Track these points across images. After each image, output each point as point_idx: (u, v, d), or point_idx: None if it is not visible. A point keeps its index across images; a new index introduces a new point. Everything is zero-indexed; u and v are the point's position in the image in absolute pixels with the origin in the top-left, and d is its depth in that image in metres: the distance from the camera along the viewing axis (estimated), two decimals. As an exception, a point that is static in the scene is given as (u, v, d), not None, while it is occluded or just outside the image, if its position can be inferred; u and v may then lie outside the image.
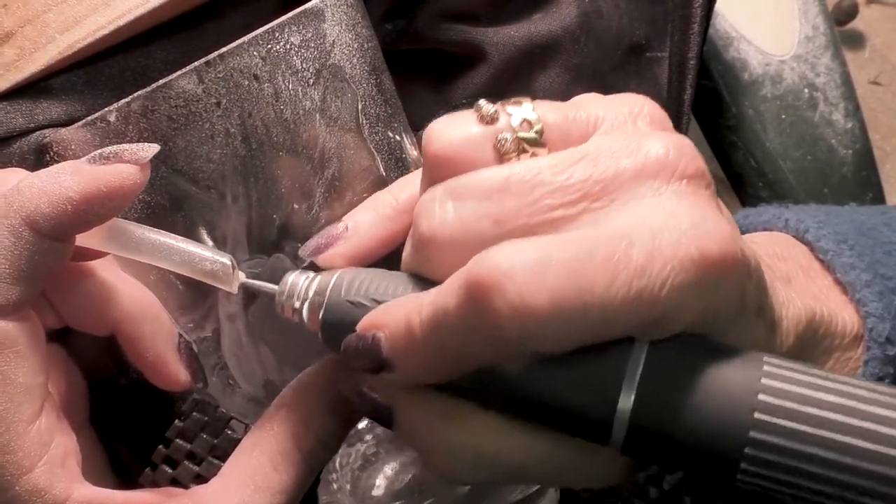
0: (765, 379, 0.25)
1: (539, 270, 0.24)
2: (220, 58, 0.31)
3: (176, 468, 0.34)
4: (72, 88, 0.36)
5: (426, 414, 0.28)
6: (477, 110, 0.29)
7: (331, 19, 0.33)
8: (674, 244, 0.24)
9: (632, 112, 0.29)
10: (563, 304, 0.24)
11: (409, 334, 0.26)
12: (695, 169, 0.27)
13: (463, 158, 0.28)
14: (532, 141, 0.28)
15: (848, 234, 0.35)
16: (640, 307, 0.24)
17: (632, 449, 0.26)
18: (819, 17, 0.73)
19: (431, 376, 0.27)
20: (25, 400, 0.29)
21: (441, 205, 0.27)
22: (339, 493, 0.39)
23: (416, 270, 0.29)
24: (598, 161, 0.26)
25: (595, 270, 0.24)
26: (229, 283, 0.31)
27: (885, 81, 1.20)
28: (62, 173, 0.29)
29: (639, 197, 0.26)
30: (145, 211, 0.33)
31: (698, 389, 0.25)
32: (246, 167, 0.33)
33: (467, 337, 0.25)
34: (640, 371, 0.25)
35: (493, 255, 0.25)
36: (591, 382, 0.25)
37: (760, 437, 0.24)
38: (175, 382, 0.33)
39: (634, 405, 0.25)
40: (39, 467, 0.29)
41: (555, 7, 0.43)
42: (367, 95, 0.35)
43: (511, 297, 0.24)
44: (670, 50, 0.46)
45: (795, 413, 0.24)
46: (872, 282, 0.33)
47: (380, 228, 0.32)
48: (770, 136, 0.70)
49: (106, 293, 0.33)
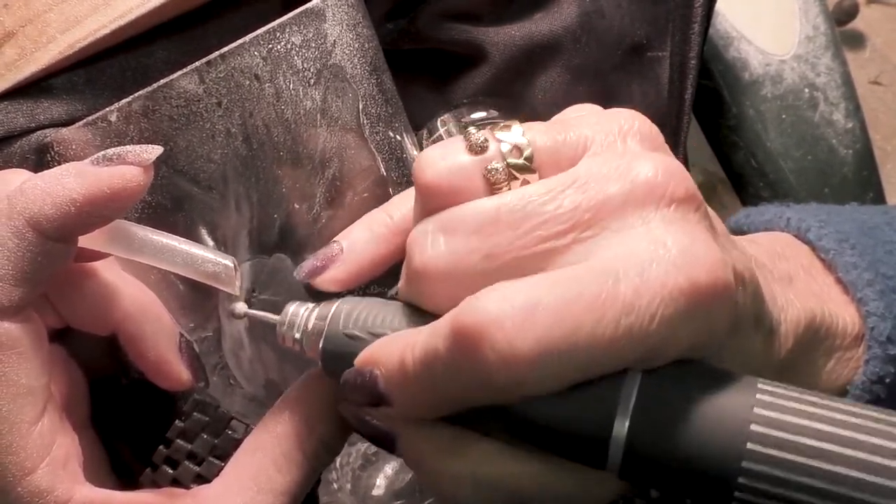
0: (757, 408, 0.25)
1: (526, 317, 0.24)
2: (222, 58, 0.31)
3: (177, 468, 0.34)
4: (73, 88, 0.36)
5: (427, 443, 0.28)
6: (466, 139, 0.29)
7: (332, 19, 0.33)
8: (662, 276, 0.25)
9: (622, 130, 0.29)
10: (551, 349, 0.24)
11: (403, 372, 0.27)
12: (684, 192, 0.27)
13: (453, 189, 0.28)
14: (522, 167, 0.28)
15: (850, 234, 0.35)
16: (629, 343, 0.25)
17: (628, 474, 0.26)
18: (819, 17, 0.73)
19: (426, 412, 0.28)
20: (28, 401, 0.29)
21: (433, 239, 0.28)
22: (339, 493, 0.39)
23: (411, 300, 0.29)
24: (587, 187, 0.27)
25: (582, 311, 0.24)
26: (231, 285, 0.31)
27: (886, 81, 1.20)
28: (66, 175, 0.29)
29: (627, 226, 0.26)
30: (146, 211, 0.33)
31: (692, 417, 0.25)
32: (247, 167, 0.33)
33: (457, 380, 0.26)
34: (633, 400, 0.25)
35: (481, 302, 0.25)
36: (586, 411, 0.26)
37: (753, 467, 0.24)
38: (176, 382, 0.33)
39: (629, 434, 0.25)
40: (42, 469, 0.29)
41: (556, 7, 0.43)
42: (368, 95, 0.35)
43: (499, 345, 0.24)
44: (671, 50, 0.46)
45: (787, 443, 0.24)
46: (874, 281, 0.33)
47: (375, 248, 0.32)
48: (771, 136, 0.70)
49: (107, 293, 0.33)
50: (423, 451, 0.28)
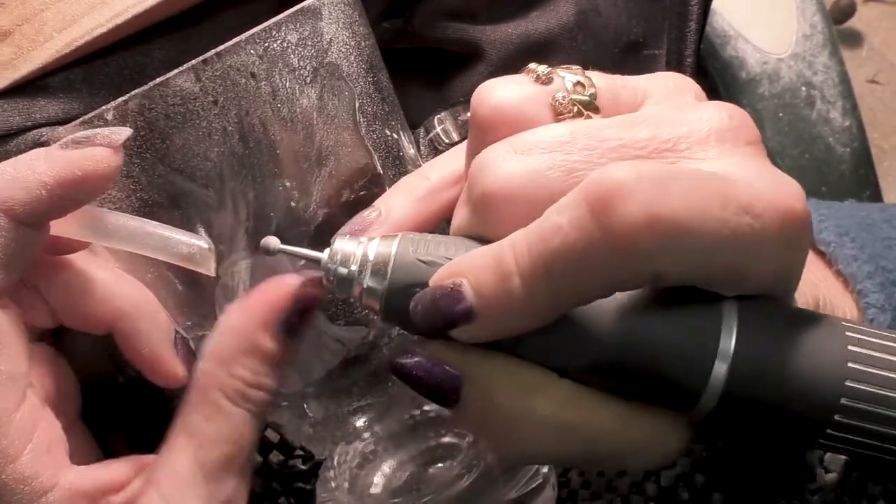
0: (851, 346, 0.25)
1: (664, 184, 0.23)
2: (218, 56, 0.32)
3: None
4: (69, 87, 0.36)
5: (503, 382, 0.26)
6: (530, 72, 0.28)
7: (328, 17, 0.33)
8: (769, 193, 0.24)
9: (677, 84, 0.28)
10: (691, 219, 0.23)
11: (501, 273, 0.25)
12: (756, 135, 0.27)
13: (520, 117, 0.27)
14: (586, 104, 0.27)
15: (849, 228, 0.35)
16: (746, 244, 0.24)
17: (720, 416, 0.25)
18: (817, 16, 0.73)
19: (526, 320, 0.25)
20: (7, 388, 0.29)
21: (505, 159, 0.26)
22: (337, 491, 0.39)
23: (476, 233, 0.27)
24: (661, 124, 0.26)
25: (710, 195, 0.24)
26: (207, 266, 0.31)
27: (884, 80, 1.20)
28: (36, 159, 0.29)
29: (711, 157, 0.26)
30: (143, 209, 0.33)
31: (789, 356, 0.25)
32: (243, 165, 0.33)
33: (589, 259, 0.24)
34: (734, 336, 0.25)
35: (613, 167, 0.24)
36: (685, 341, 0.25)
37: (851, 403, 0.24)
38: (172, 379, 0.33)
39: (728, 372, 0.25)
40: (25, 455, 0.29)
41: (552, 5, 0.43)
42: (365, 93, 0.35)
43: (643, 204, 0.23)
44: (667, 48, 0.46)
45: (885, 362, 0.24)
46: (874, 273, 0.33)
47: (414, 211, 0.30)
48: (768, 135, 0.70)
49: (101, 291, 0.33)
50: (497, 393, 0.26)
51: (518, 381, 0.26)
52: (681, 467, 0.39)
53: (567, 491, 0.41)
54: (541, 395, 0.26)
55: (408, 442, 0.37)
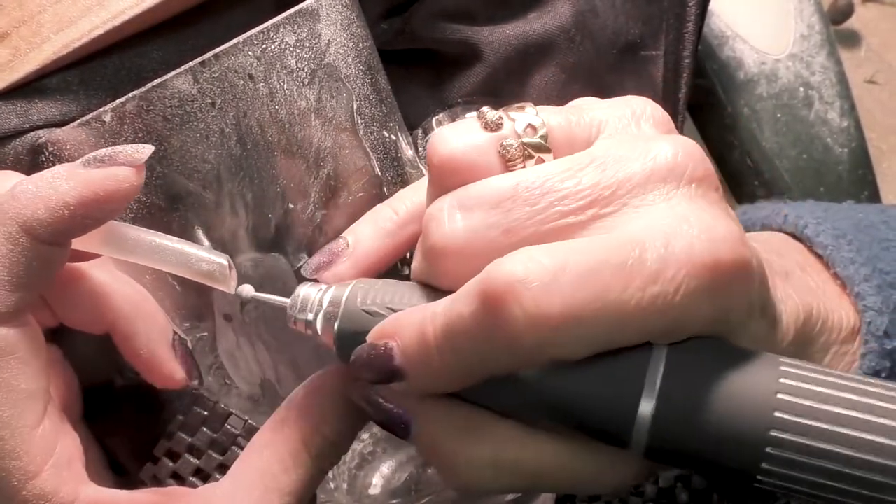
0: (783, 379, 0.25)
1: (554, 278, 0.24)
2: (215, 58, 0.32)
3: (177, 461, 0.34)
4: (67, 88, 0.36)
5: (445, 424, 0.28)
6: (480, 117, 0.28)
7: (325, 19, 0.33)
8: (687, 249, 0.25)
9: (634, 114, 0.29)
10: (579, 310, 0.24)
11: (422, 342, 0.26)
12: (703, 171, 0.27)
13: (469, 166, 0.28)
14: (537, 146, 0.28)
15: (846, 230, 0.35)
16: (654, 312, 0.24)
17: (653, 452, 0.26)
18: (815, 16, 0.74)
19: (444, 385, 0.27)
20: (28, 405, 0.29)
21: (450, 215, 0.27)
22: (336, 492, 0.39)
23: (426, 281, 0.29)
24: (606, 166, 0.26)
25: (609, 276, 0.24)
26: (226, 284, 0.31)
27: (882, 80, 1.20)
28: (58, 178, 0.29)
29: (649, 202, 0.26)
30: (141, 211, 0.33)
31: (718, 392, 0.25)
32: (241, 167, 0.33)
33: (482, 345, 0.25)
34: (660, 375, 0.25)
35: (508, 263, 0.25)
36: (611, 387, 0.26)
37: (781, 436, 0.24)
38: (170, 380, 0.33)
39: (655, 409, 0.25)
40: (46, 472, 0.29)
41: (550, 6, 0.43)
42: (363, 95, 0.35)
43: (527, 304, 0.24)
44: (665, 48, 0.46)
45: (814, 411, 0.24)
46: (871, 276, 0.33)
47: (381, 243, 0.32)
48: (766, 135, 0.70)
49: (100, 291, 0.33)
50: (439, 433, 0.28)
51: (457, 422, 0.28)
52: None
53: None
54: (478, 436, 0.27)
55: (406, 443, 0.36)
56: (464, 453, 0.27)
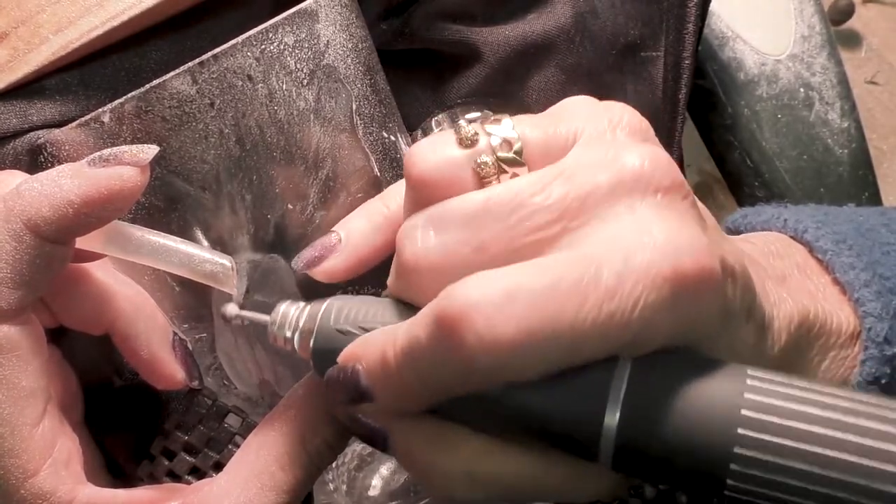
0: (748, 394, 0.25)
1: (506, 301, 0.24)
2: (214, 58, 0.31)
3: (173, 459, 0.34)
4: (66, 89, 0.36)
5: (418, 439, 0.28)
6: (457, 132, 0.29)
7: (324, 20, 0.33)
8: (646, 262, 0.25)
9: (611, 122, 0.29)
10: (532, 333, 0.24)
11: (384, 365, 0.27)
12: (671, 181, 0.27)
13: (444, 182, 0.28)
14: (512, 161, 0.28)
15: (847, 235, 0.35)
16: (611, 330, 0.24)
17: (620, 465, 0.26)
18: (815, 17, 0.73)
19: (409, 404, 0.27)
20: (29, 404, 0.29)
21: (423, 233, 0.28)
22: (335, 494, 0.39)
23: (401, 296, 0.29)
24: (574, 178, 0.27)
25: (563, 297, 0.24)
26: (229, 285, 0.31)
27: (882, 81, 1.20)
28: (62, 176, 0.29)
29: (614, 215, 0.26)
30: (140, 212, 0.33)
31: (683, 405, 0.25)
32: (240, 168, 0.33)
33: (440, 367, 0.26)
34: (623, 388, 0.25)
35: (461, 288, 0.25)
36: (576, 401, 0.26)
37: (745, 452, 0.24)
38: (170, 380, 0.33)
39: (620, 422, 0.25)
40: (44, 470, 0.29)
41: (550, 6, 0.43)
42: (362, 96, 0.35)
43: (479, 329, 0.24)
44: (665, 49, 0.46)
45: (778, 427, 0.24)
46: (871, 281, 0.33)
47: (373, 238, 0.32)
48: (766, 136, 0.70)
49: (100, 292, 0.33)
50: (414, 448, 0.28)
51: (429, 436, 0.28)
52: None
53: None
54: (450, 449, 0.27)
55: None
56: (437, 466, 0.28)
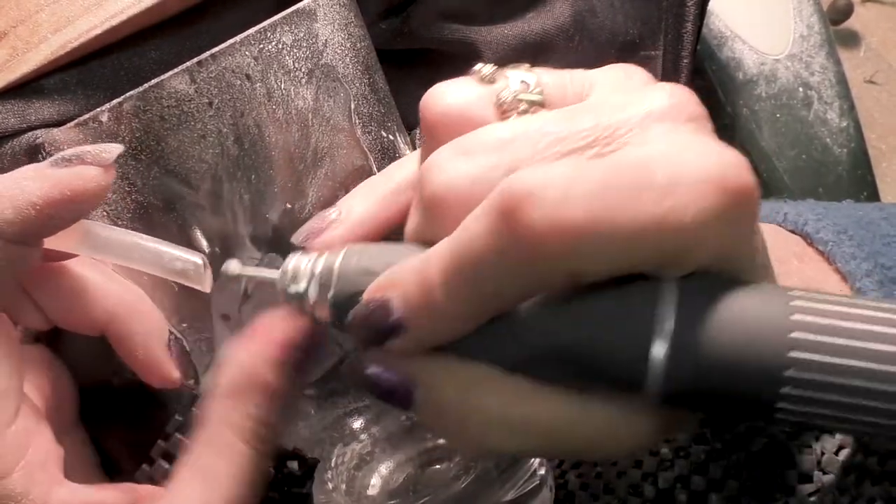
0: (796, 301, 0.24)
1: (571, 184, 0.23)
2: (212, 57, 0.31)
3: (172, 463, 0.34)
4: (64, 89, 0.36)
5: (451, 382, 0.26)
6: (475, 73, 0.28)
7: (323, 19, 0.33)
8: (698, 168, 0.24)
9: (627, 73, 0.29)
10: (598, 218, 0.23)
11: (423, 282, 0.25)
12: (700, 111, 0.27)
13: (465, 119, 0.27)
14: (532, 101, 0.28)
15: (847, 226, 0.35)
16: (667, 229, 0.24)
17: (668, 395, 0.25)
18: (814, 17, 0.74)
19: (451, 327, 0.26)
20: (0, 404, 0.29)
21: (450, 161, 0.27)
22: (334, 493, 0.39)
23: (425, 237, 0.28)
24: (603, 110, 0.26)
25: (625, 187, 0.24)
26: (200, 282, 0.31)
27: (881, 80, 1.20)
28: (25, 178, 0.29)
29: (651, 139, 0.26)
30: (138, 212, 0.33)
31: (732, 322, 0.24)
32: (238, 167, 0.33)
33: (500, 266, 0.24)
34: (673, 312, 0.24)
35: (522, 174, 0.24)
36: (621, 326, 0.25)
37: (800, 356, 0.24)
38: (166, 380, 0.33)
39: (670, 348, 0.24)
40: (17, 472, 0.29)
41: (549, 6, 0.43)
42: (360, 95, 0.35)
43: (548, 209, 0.23)
44: (664, 48, 0.46)
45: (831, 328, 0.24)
46: (872, 271, 0.33)
47: (374, 211, 0.31)
48: (765, 136, 0.70)
49: (93, 292, 0.32)
50: (446, 394, 0.26)
51: (463, 380, 0.26)
52: (679, 469, 0.39)
53: (564, 492, 0.41)
54: (485, 392, 0.26)
55: (405, 443, 0.36)
56: (472, 412, 0.26)
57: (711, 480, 0.39)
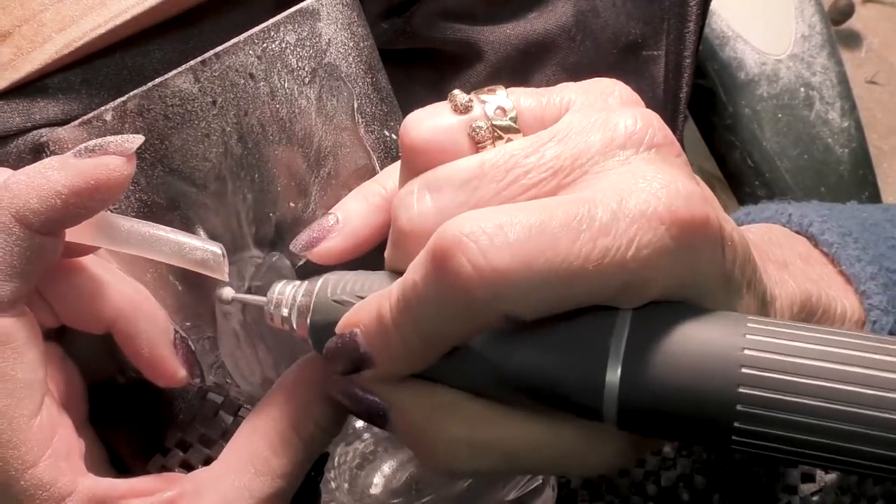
0: (749, 335, 0.24)
1: (500, 231, 0.24)
2: (216, 57, 0.32)
3: (188, 451, 0.34)
4: (69, 88, 0.36)
5: (419, 408, 0.28)
6: (451, 100, 0.29)
7: (326, 18, 0.33)
8: (641, 203, 0.24)
9: (603, 92, 0.29)
10: (527, 263, 0.24)
11: (380, 322, 0.27)
12: (663, 138, 0.27)
13: (438, 149, 0.28)
14: (506, 128, 0.28)
15: (852, 228, 0.35)
16: (606, 268, 0.24)
17: (625, 422, 0.25)
18: (815, 17, 0.74)
19: (408, 363, 0.27)
20: (26, 395, 0.29)
21: (419, 197, 0.28)
22: (337, 492, 0.39)
23: (398, 266, 0.29)
24: (567, 138, 0.27)
25: (557, 231, 0.24)
26: (220, 271, 0.31)
27: (883, 80, 1.20)
28: (49, 168, 0.29)
29: (608, 168, 0.26)
30: (142, 210, 0.33)
31: (684, 353, 0.25)
32: (242, 166, 0.33)
33: (437, 310, 0.25)
34: (625, 340, 0.25)
35: (454, 222, 0.25)
36: (576, 356, 0.25)
37: (750, 392, 0.24)
38: (172, 379, 0.33)
39: (622, 376, 0.25)
40: (44, 461, 0.29)
41: (551, 6, 0.43)
42: (363, 94, 0.35)
43: (474, 257, 0.24)
44: (666, 48, 0.46)
45: (781, 364, 0.24)
46: (877, 274, 0.33)
47: (370, 218, 0.32)
48: (767, 136, 0.70)
49: (100, 291, 0.33)
50: (415, 417, 0.28)
51: (430, 405, 0.28)
52: (681, 468, 0.39)
53: (567, 491, 0.41)
54: (451, 416, 0.27)
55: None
56: (438, 434, 0.27)
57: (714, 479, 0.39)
